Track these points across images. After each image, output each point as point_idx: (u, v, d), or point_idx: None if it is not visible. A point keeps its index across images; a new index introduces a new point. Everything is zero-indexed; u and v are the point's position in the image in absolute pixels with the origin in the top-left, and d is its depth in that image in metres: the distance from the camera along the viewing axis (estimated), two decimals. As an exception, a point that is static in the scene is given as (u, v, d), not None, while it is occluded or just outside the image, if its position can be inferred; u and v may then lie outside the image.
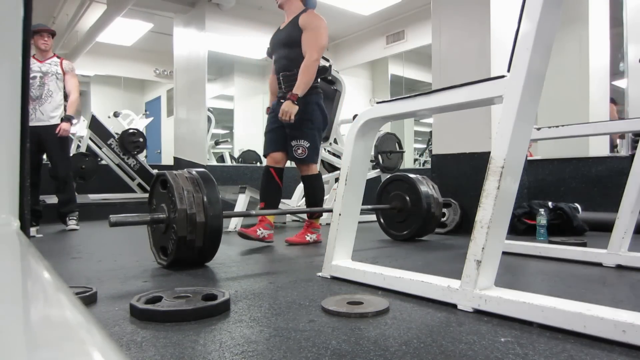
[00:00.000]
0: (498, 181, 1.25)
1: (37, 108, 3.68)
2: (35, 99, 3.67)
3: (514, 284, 1.71)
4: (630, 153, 3.86)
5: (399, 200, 3.05)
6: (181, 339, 1.08)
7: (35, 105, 3.67)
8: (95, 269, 2.09)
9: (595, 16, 4.81)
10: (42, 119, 3.67)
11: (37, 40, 3.70)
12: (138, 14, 6.44)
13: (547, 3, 1.19)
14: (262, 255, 2.41)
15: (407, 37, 6.76)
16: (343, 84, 4.13)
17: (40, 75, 3.70)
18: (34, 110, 3.66)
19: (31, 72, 3.63)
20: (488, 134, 3.31)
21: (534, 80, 1.24)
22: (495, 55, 3.28)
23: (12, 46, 0.75)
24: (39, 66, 3.71)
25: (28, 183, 0.84)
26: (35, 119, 3.64)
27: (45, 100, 3.70)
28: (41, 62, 3.73)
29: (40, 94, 3.69)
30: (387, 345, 1.03)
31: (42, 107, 3.69)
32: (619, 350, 0.99)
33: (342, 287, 1.63)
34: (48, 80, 3.72)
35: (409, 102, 1.59)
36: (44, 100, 3.70)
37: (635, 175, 1.99)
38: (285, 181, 3.03)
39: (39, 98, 3.69)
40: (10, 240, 0.65)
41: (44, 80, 3.71)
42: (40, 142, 3.66)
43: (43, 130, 3.66)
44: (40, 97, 3.69)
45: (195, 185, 2.00)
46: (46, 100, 3.70)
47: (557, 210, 3.29)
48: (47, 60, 3.77)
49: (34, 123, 3.63)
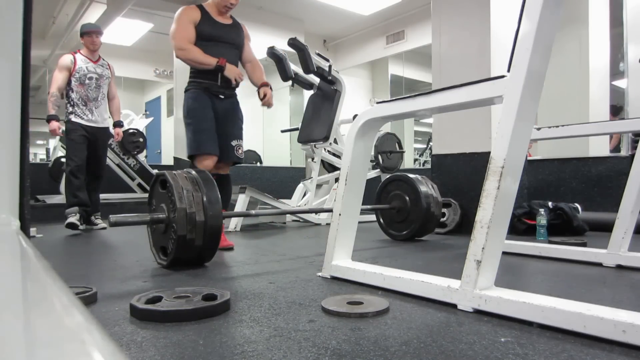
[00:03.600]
0: (498, 181, 1.25)
1: (94, 110, 3.76)
2: (92, 100, 3.75)
3: (514, 284, 1.71)
4: (630, 153, 3.85)
5: (398, 200, 3.05)
6: (181, 339, 1.08)
7: (92, 106, 3.75)
8: (95, 269, 2.09)
9: (595, 16, 4.81)
10: (97, 121, 3.79)
11: (86, 41, 3.75)
12: (138, 14, 6.44)
13: (547, 3, 1.19)
14: (262, 256, 2.41)
15: (407, 37, 6.76)
16: (343, 84, 4.13)
17: (96, 77, 3.76)
18: (90, 111, 3.74)
19: (87, 72, 3.72)
20: (488, 134, 3.31)
21: (534, 80, 1.24)
22: (495, 55, 3.28)
23: (12, 46, 0.75)
24: (93, 67, 3.77)
25: (28, 183, 0.84)
26: (91, 120, 3.74)
27: (100, 102, 3.80)
28: (95, 63, 3.79)
29: (96, 96, 3.77)
30: (387, 345, 1.03)
31: (98, 109, 3.78)
32: (619, 350, 0.99)
33: (342, 287, 1.63)
34: (103, 83, 3.82)
35: (409, 102, 1.59)
36: (100, 102, 3.80)
37: (635, 175, 1.99)
38: (285, 181, 3.02)
39: (96, 100, 3.77)
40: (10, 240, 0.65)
41: (99, 83, 3.79)
42: (90, 141, 3.73)
43: (97, 131, 3.77)
44: (97, 99, 3.78)
45: (194, 184, 2.00)
46: (101, 103, 3.81)
47: (557, 210, 3.29)
48: (99, 62, 3.83)
49: (88, 123, 3.72)
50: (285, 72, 3.93)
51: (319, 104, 4.27)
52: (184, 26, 2.62)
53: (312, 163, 4.33)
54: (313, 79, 4.18)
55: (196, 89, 2.69)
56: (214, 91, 2.69)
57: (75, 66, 3.68)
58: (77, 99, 3.68)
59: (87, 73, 3.71)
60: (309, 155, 4.53)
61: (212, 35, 2.67)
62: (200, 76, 2.68)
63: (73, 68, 3.67)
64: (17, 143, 0.79)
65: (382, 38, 7.09)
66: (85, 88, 3.71)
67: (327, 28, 7.30)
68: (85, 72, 3.71)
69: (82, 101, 3.70)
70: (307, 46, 3.80)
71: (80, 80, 3.69)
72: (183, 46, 2.61)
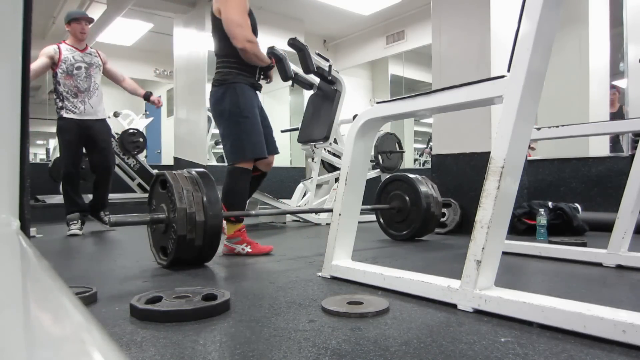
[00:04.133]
0: (498, 181, 1.25)
1: (87, 101, 3.54)
2: (83, 91, 3.52)
3: (514, 284, 1.71)
4: (630, 153, 3.85)
5: (398, 200, 3.05)
6: (181, 339, 1.08)
7: (84, 97, 3.52)
8: (95, 269, 2.09)
9: (595, 16, 4.81)
10: (90, 113, 3.55)
11: (75, 28, 3.52)
12: (138, 14, 6.44)
13: (547, 3, 1.19)
14: (262, 255, 2.41)
15: (407, 37, 6.76)
16: (343, 84, 4.13)
17: (85, 65, 3.55)
18: (82, 103, 3.51)
19: (74, 62, 3.50)
20: (488, 134, 3.31)
21: (534, 80, 1.24)
22: (495, 55, 3.28)
23: (12, 46, 0.75)
24: (81, 56, 3.54)
25: (28, 183, 0.84)
26: (85, 113, 3.52)
27: (93, 93, 3.58)
28: (82, 52, 3.58)
29: (88, 86, 3.55)
30: (387, 345, 1.03)
31: (90, 100, 3.56)
32: (619, 350, 0.99)
33: (342, 287, 1.63)
34: (93, 72, 3.60)
35: (409, 102, 1.59)
36: (92, 92, 3.58)
37: (635, 175, 1.99)
38: (285, 181, 3.02)
39: (88, 90, 3.55)
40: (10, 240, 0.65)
41: (89, 72, 3.57)
42: (87, 135, 3.54)
43: (91, 123, 3.56)
44: (89, 89, 3.56)
45: (194, 184, 2.00)
46: (94, 94, 3.59)
47: (557, 210, 3.29)
48: (87, 50, 3.63)
49: (82, 117, 3.51)
50: (285, 72, 3.93)
51: (319, 104, 4.26)
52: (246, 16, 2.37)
53: (312, 163, 4.33)
54: (313, 79, 4.18)
55: (244, 84, 2.45)
56: (257, 87, 2.56)
57: (60, 57, 3.45)
58: (65, 92, 3.47)
59: (74, 63, 3.49)
60: (309, 155, 4.53)
61: (255, 29, 2.49)
62: (247, 70, 2.47)
63: (58, 59, 3.45)
64: (17, 143, 0.79)
65: (382, 38, 7.09)
66: (74, 79, 3.49)
67: (327, 28, 7.30)
68: (72, 61, 3.49)
69: (72, 93, 3.48)
70: (307, 46, 3.80)
71: (67, 72, 3.47)
72: (253, 38, 2.37)
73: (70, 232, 3.47)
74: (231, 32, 2.32)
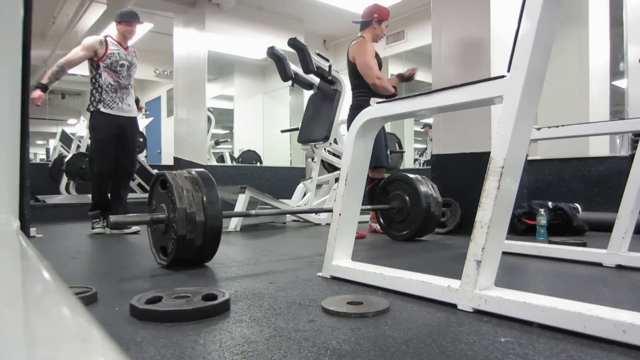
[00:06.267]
0: (498, 181, 1.25)
1: (125, 98, 3.51)
2: (123, 88, 3.49)
3: (514, 284, 1.71)
4: (630, 153, 3.85)
5: (398, 200, 3.05)
6: (181, 339, 1.08)
7: (123, 95, 3.50)
8: (95, 269, 2.09)
9: (595, 16, 4.81)
10: (128, 110, 3.53)
11: (125, 29, 3.52)
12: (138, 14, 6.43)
13: (547, 3, 1.19)
14: (262, 256, 2.41)
15: (407, 37, 6.76)
16: (343, 84, 4.13)
17: (127, 64, 3.52)
18: (120, 100, 3.47)
19: (119, 59, 3.45)
20: (488, 134, 3.31)
21: (534, 80, 1.24)
22: (495, 55, 3.28)
23: (12, 46, 0.75)
24: (125, 54, 3.52)
25: (28, 183, 0.84)
26: (123, 110, 3.49)
27: (129, 91, 3.56)
28: (126, 50, 3.55)
29: (127, 84, 3.53)
30: (387, 345, 1.03)
31: (128, 97, 3.54)
32: (619, 350, 0.99)
33: (342, 287, 1.63)
34: (132, 72, 3.59)
35: (409, 102, 1.59)
36: (129, 91, 3.56)
37: (635, 175, 1.99)
38: (285, 181, 3.03)
39: (126, 88, 3.53)
40: (10, 240, 0.66)
41: (130, 71, 3.55)
42: (120, 135, 3.49)
43: (127, 122, 3.53)
44: (127, 87, 3.53)
45: (194, 184, 2.00)
46: (130, 92, 3.58)
47: (557, 210, 3.29)
48: (129, 50, 3.59)
49: (119, 113, 3.47)
50: (285, 72, 3.93)
51: (319, 104, 4.26)
52: (374, 59, 3.31)
53: (312, 163, 4.33)
54: (313, 79, 4.18)
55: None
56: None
57: (107, 51, 3.40)
58: (106, 86, 3.41)
59: (119, 60, 3.45)
60: (309, 155, 4.53)
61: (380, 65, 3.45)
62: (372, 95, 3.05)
63: (104, 53, 3.39)
64: (17, 143, 0.79)
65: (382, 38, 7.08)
66: (117, 75, 3.45)
67: (327, 28, 7.30)
68: (117, 58, 3.44)
69: (112, 88, 3.43)
70: (307, 46, 3.80)
71: (112, 67, 3.42)
72: (381, 76, 3.19)
73: (94, 231, 3.50)
74: (364, 73, 3.31)
